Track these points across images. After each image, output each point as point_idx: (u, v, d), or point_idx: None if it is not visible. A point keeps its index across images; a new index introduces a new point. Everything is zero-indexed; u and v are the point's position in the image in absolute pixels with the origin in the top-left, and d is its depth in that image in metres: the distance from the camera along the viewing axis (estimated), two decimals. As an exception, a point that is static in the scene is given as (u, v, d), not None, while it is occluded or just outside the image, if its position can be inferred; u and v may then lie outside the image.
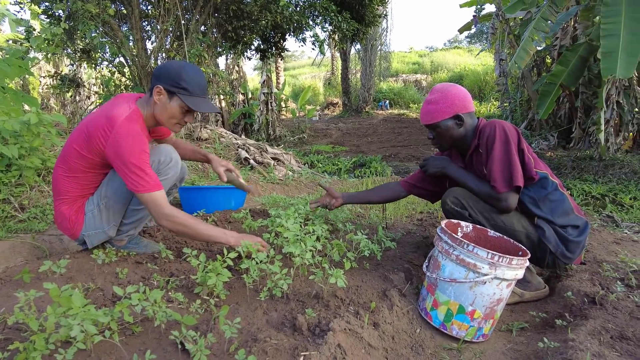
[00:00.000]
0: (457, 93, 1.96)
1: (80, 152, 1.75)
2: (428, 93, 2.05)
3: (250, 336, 1.30)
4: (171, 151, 1.89)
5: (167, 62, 1.81)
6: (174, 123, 1.82)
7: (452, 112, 1.94)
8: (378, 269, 1.98)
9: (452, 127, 1.97)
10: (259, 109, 11.03)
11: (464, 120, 1.95)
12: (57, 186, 1.84)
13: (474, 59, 24.86)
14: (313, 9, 6.60)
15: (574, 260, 1.89)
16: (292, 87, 24.02)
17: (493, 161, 1.84)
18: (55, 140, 2.94)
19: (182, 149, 2.20)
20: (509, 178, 1.81)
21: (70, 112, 8.57)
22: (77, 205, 1.85)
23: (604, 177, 5.25)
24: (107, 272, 1.74)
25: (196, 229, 1.74)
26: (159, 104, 1.77)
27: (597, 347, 1.35)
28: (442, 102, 1.95)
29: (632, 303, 1.67)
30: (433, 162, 2.12)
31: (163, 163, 1.86)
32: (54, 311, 1.15)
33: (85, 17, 4.48)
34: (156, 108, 1.78)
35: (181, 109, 1.77)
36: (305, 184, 4.33)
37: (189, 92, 1.74)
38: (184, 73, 1.73)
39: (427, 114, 2.00)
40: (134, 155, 1.64)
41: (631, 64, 4.83)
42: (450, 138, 2.00)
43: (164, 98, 1.75)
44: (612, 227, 3.25)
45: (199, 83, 1.77)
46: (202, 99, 1.79)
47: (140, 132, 1.71)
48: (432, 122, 1.98)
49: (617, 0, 5.11)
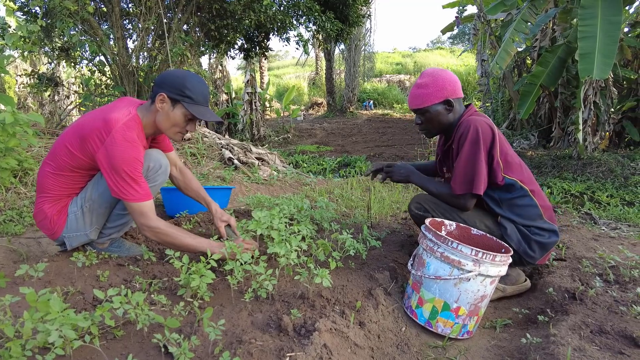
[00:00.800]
0: (448, 77, 1.92)
1: (71, 151, 1.71)
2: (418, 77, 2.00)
3: (235, 338, 1.29)
4: (161, 157, 1.86)
5: (171, 71, 1.79)
6: (176, 132, 1.79)
7: (442, 97, 1.91)
8: (363, 268, 1.99)
9: (442, 113, 1.93)
10: (242, 108, 10.95)
11: (453, 105, 1.92)
12: (42, 183, 1.79)
13: (456, 59, 25.23)
14: (297, 9, 6.58)
15: (537, 259, 1.88)
16: (276, 87, 23.93)
17: (459, 161, 1.85)
18: (32, 141, 2.86)
19: (188, 181, 2.10)
20: (469, 182, 1.82)
21: (48, 111, 8.36)
22: (60, 205, 1.81)
23: (583, 176, 5.38)
24: (87, 275, 1.70)
25: (181, 241, 1.71)
26: (162, 112, 1.74)
27: (578, 342, 1.37)
28: (432, 86, 1.91)
29: (610, 298, 1.72)
30: (398, 171, 2.13)
31: (152, 170, 1.83)
32: (31, 316, 1.11)
33: (63, 15, 4.38)
34: (158, 116, 1.75)
35: (184, 117, 1.74)
36: (290, 183, 4.31)
37: (193, 100, 1.72)
38: (188, 81, 1.71)
39: (417, 98, 1.94)
40: (126, 163, 1.61)
41: (607, 66, 4.97)
42: (438, 123, 1.96)
43: (167, 106, 1.73)
44: (591, 224, 3.33)
45: (202, 92, 1.75)
46: (206, 108, 1.77)
47: (137, 139, 1.67)
48: (421, 106, 1.93)
49: (594, 3, 5.25)
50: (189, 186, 2.11)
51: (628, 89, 7.49)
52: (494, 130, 1.83)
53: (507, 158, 1.85)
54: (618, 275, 1.95)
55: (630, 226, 3.42)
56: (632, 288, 1.81)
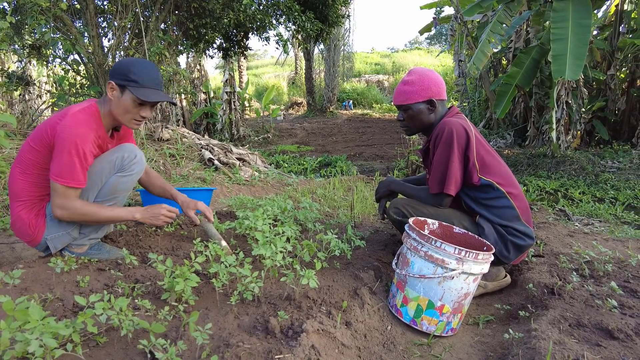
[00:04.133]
0: (434, 78, 1.97)
1: (32, 147, 1.71)
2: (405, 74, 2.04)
3: (222, 341, 1.27)
4: (135, 149, 1.85)
5: (124, 60, 1.82)
6: (130, 119, 1.79)
7: (426, 96, 1.95)
8: (348, 268, 2.00)
9: (424, 112, 1.97)
10: (221, 108, 10.83)
11: (436, 106, 1.97)
12: (14, 188, 1.75)
13: (433, 59, 25.60)
14: (276, 8, 6.54)
15: (511, 260, 1.92)
16: (255, 86, 23.77)
17: (434, 162, 1.91)
18: (3, 142, 2.75)
19: (153, 179, 2.11)
20: (442, 182, 1.88)
21: (19, 111, 8.05)
22: (37, 208, 1.76)
23: (556, 173, 5.55)
24: (66, 281, 1.65)
25: (98, 214, 1.74)
26: (114, 100, 1.76)
27: (558, 335, 1.42)
28: (418, 84, 1.95)
29: (587, 292, 1.78)
30: (380, 189, 2.24)
31: (127, 159, 1.81)
32: (9, 326, 1.07)
33: (34, 11, 4.22)
34: (112, 105, 1.77)
35: (133, 102, 1.74)
36: (272, 184, 4.29)
37: (139, 83, 1.73)
38: (133, 66, 1.73)
39: (401, 94, 1.99)
40: (72, 141, 1.62)
41: (578, 67, 5.14)
42: (419, 122, 2.00)
43: (117, 93, 1.75)
44: (565, 221, 3.44)
45: (149, 75, 1.75)
46: (152, 90, 1.77)
47: (90, 122, 1.69)
48: (405, 103, 1.98)
49: (565, 7, 5.42)
50: (154, 184, 2.11)
51: (597, 90, 7.78)
52: (468, 133, 1.86)
53: (485, 160, 1.88)
54: (593, 270, 2.02)
55: (601, 222, 3.55)
56: (607, 282, 1.87)
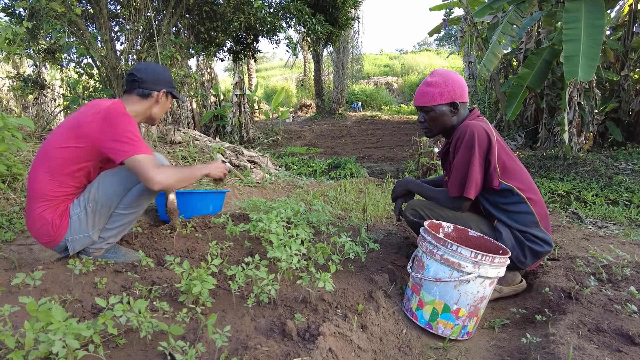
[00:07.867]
0: (458, 80, 1.94)
1: (66, 146, 1.73)
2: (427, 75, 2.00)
3: (240, 344, 1.28)
4: (163, 159, 2.04)
5: (153, 66, 2.01)
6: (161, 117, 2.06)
7: (449, 99, 1.92)
8: (363, 271, 1.99)
9: (446, 114, 1.94)
10: (231, 110, 10.89)
11: (458, 108, 1.94)
12: (38, 188, 1.75)
13: (443, 61, 25.47)
14: (287, 11, 6.57)
15: (527, 266, 1.91)
16: (264, 88, 23.87)
17: (455, 165, 1.88)
18: (21, 145, 2.79)
19: None
20: (462, 185, 1.86)
21: (34, 114, 8.19)
22: (62, 208, 1.79)
23: (569, 175, 5.49)
24: (84, 282, 1.67)
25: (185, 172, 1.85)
26: (161, 104, 1.99)
27: (577, 341, 1.40)
28: (442, 86, 1.91)
29: (605, 296, 1.75)
30: (396, 189, 2.24)
31: None
32: (32, 326, 1.09)
33: (50, 16, 4.29)
34: (156, 108, 1.98)
35: (171, 103, 2.05)
36: (283, 186, 4.30)
37: (174, 87, 2.03)
38: (166, 72, 2.01)
39: (424, 96, 1.95)
40: (127, 127, 1.71)
41: (591, 68, 5.09)
42: (441, 124, 1.97)
43: (163, 98, 1.98)
44: (578, 223, 3.40)
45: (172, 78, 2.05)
46: None
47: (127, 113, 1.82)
48: (427, 104, 1.94)
49: (577, 7, 5.37)
50: None
51: (611, 91, 7.68)
52: (490, 136, 1.84)
53: (506, 164, 1.86)
54: (610, 274, 1.99)
55: (616, 225, 3.50)
56: (625, 287, 1.85)
